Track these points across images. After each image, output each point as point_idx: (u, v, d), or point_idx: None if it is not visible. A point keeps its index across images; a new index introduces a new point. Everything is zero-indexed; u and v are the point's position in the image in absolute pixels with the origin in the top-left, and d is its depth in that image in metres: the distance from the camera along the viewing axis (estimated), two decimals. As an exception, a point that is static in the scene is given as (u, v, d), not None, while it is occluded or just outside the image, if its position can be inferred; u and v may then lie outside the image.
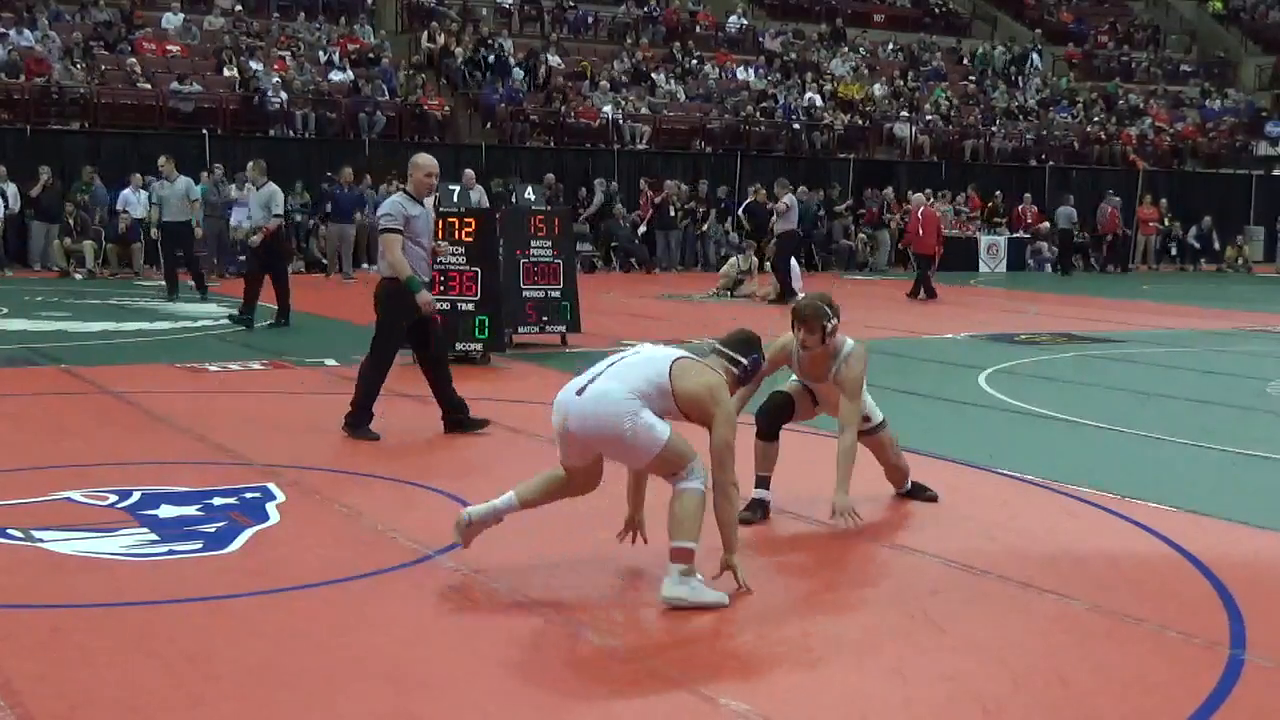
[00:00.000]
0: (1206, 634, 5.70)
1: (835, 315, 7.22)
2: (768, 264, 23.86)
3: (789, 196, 23.08)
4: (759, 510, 7.33)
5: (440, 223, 13.57)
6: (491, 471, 8.05)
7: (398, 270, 9.53)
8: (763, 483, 7.42)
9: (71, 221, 24.17)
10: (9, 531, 6.83)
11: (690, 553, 5.89)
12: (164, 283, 20.31)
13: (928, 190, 28.61)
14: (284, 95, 27.93)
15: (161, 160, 20.47)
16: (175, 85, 27.24)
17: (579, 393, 6.07)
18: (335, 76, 29.65)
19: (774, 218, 23.26)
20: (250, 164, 20.22)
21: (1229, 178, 37.17)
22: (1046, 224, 32.71)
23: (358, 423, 9.55)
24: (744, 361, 6.33)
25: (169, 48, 29.53)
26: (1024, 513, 7.99)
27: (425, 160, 9.92)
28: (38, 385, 11.73)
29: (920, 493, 8.00)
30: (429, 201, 10.08)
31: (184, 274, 20.15)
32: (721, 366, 6.28)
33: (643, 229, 29.28)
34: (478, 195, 21.16)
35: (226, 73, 28.73)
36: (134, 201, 24.31)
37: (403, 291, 9.52)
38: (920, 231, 23.92)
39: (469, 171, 23.16)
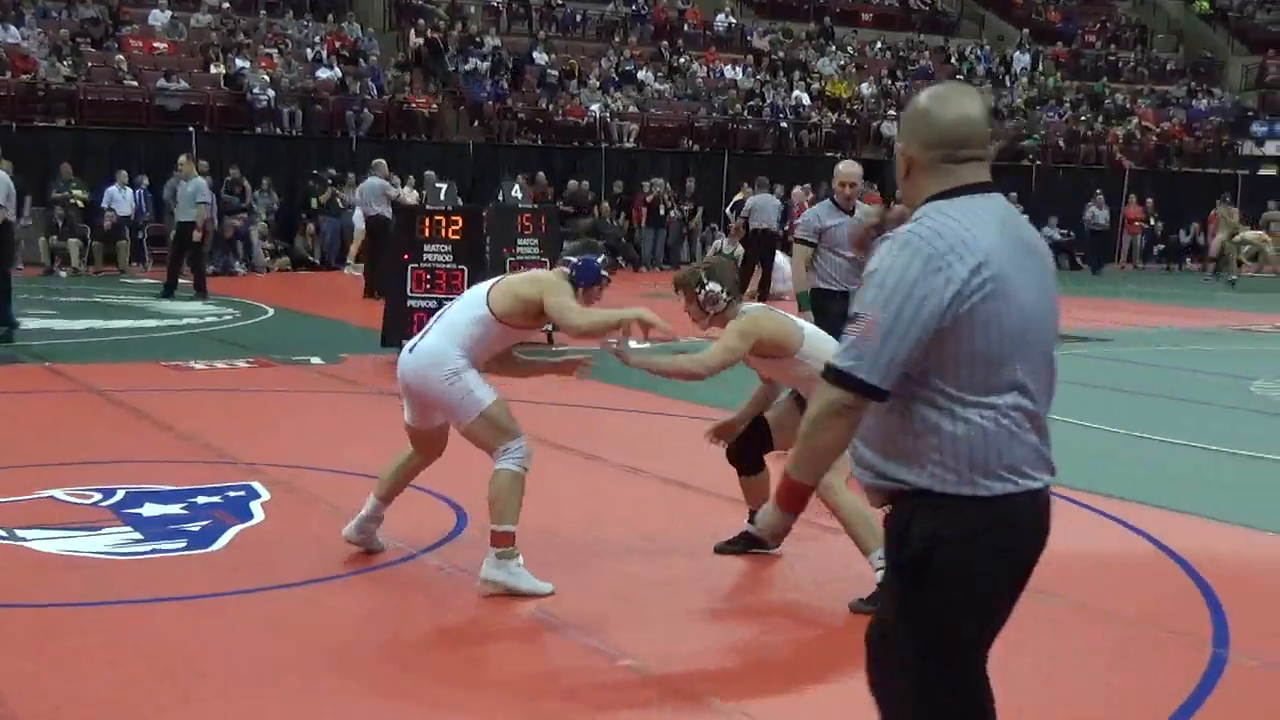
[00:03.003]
0: (1190, 631, 5.72)
1: (717, 280, 6.35)
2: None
3: (757, 196, 22.84)
4: (740, 543, 6.76)
5: (426, 220, 13.57)
6: (476, 469, 8.02)
7: (796, 284, 9.48)
8: (753, 517, 7.09)
9: (58, 220, 24.08)
10: (-8, 530, 6.81)
11: (507, 535, 5.92)
12: (158, 281, 20.26)
13: (806, 185, 27.92)
14: (271, 93, 27.86)
15: (182, 159, 20.47)
16: (162, 83, 27.16)
17: (411, 350, 6.14)
18: (322, 74, 29.58)
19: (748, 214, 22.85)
20: (183, 158, 20.28)
21: (1215, 177, 37.25)
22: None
23: None
24: (573, 259, 6.22)
25: (156, 45, 29.43)
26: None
27: (842, 169, 9.65)
28: (22, 383, 11.70)
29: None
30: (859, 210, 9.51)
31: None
32: (557, 271, 6.26)
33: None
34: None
35: (213, 70, 28.64)
36: (119, 199, 24.24)
37: (822, 300, 9.33)
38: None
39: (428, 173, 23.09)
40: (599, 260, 6.23)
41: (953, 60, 40.74)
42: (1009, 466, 3.03)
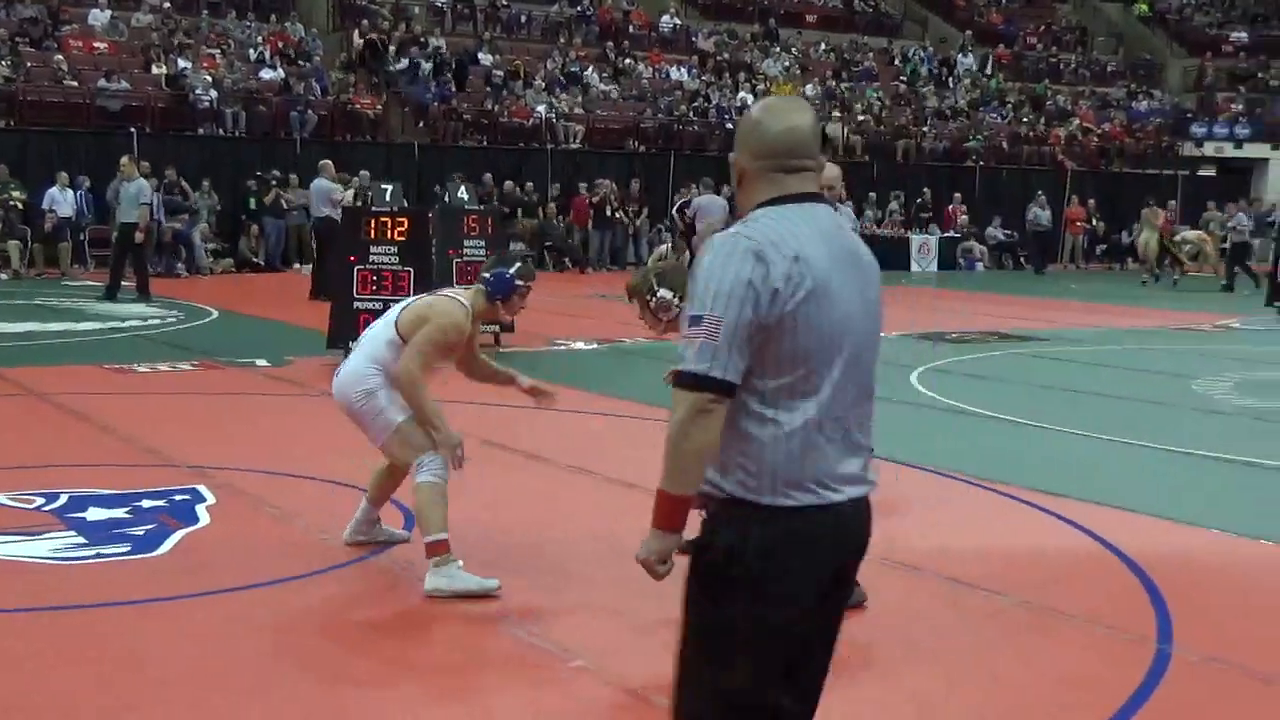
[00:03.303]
0: (1134, 628, 5.78)
1: (668, 286, 6.21)
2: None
3: (703, 197, 22.85)
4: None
5: (372, 222, 13.51)
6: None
7: None
8: None
9: (-2, 222, 23.81)
10: (-67, 535, 6.73)
11: (440, 544, 6.01)
12: (99, 283, 20.07)
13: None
14: (213, 93, 27.65)
15: (124, 160, 20.26)
16: (102, 83, 26.88)
17: (337, 372, 6.40)
18: (265, 74, 29.37)
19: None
20: (124, 159, 20.14)
21: (1155, 178, 37.65)
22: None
23: None
24: (486, 275, 6.40)
25: (96, 45, 29.12)
26: (955, 510, 8.06)
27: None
28: (-38, 387, 11.55)
29: None
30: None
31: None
32: (474, 289, 6.45)
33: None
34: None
35: (155, 70, 28.36)
36: (60, 200, 23.97)
37: None
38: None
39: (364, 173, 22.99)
40: (510, 272, 6.37)
41: (896, 62, 40.99)
42: (813, 477, 3.01)
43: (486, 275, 6.39)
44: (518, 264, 6.46)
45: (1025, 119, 39.26)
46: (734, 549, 3.01)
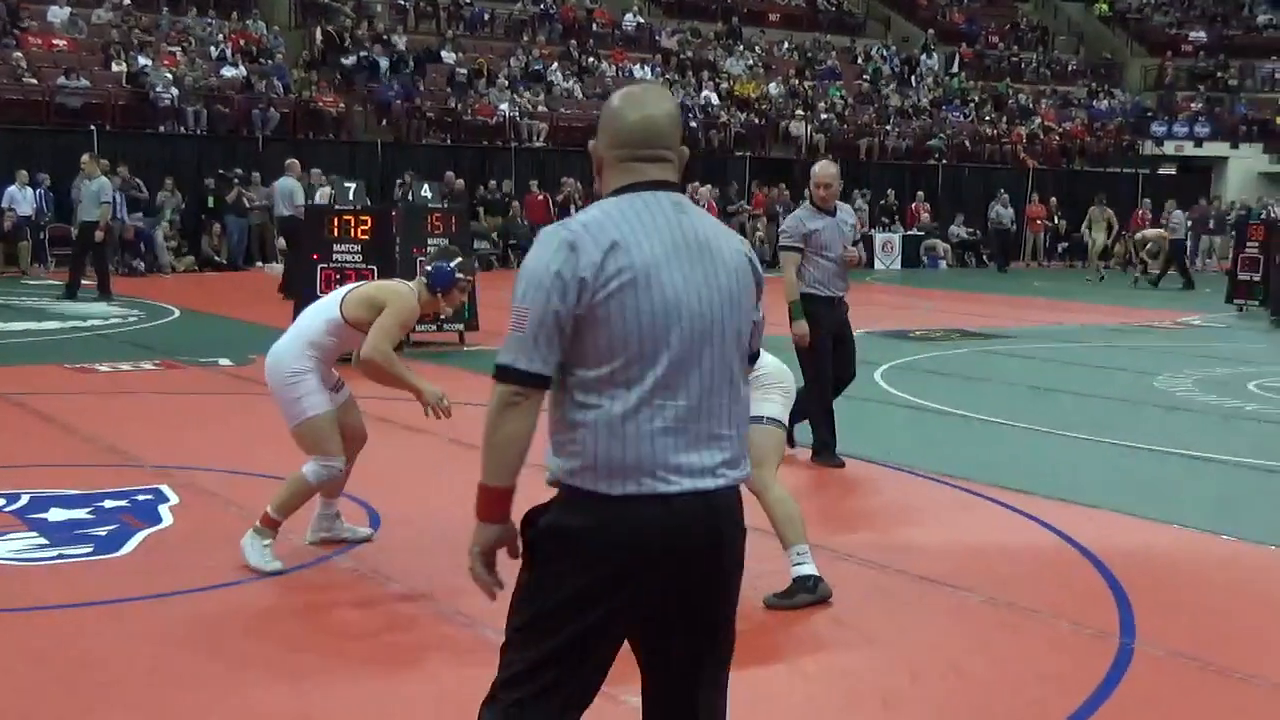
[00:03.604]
0: (1097, 624, 5.82)
1: None
2: None
3: None
4: None
5: (336, 220, 13.45)
6: (388, 471, 7.98)
7: (787, 292, 8.89)
8: None
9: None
10: (-109, 537, 6.66)
11: (273, 521, 6.30)
12: (60, 281, 19.94)
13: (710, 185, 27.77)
14: (174, 91, 27.47)
15: (85, 159, 20.14)
16: (62, 80, 26.67)
17: (270, 351, 6.51)
18: (227, 72, 29.20)
19: None
20: (85, 157, 20.04)
21: (1116, 176, 37.89)
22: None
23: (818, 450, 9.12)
24: (428, 267, 6.63)
25: (55, 42, 28.89)
26: (920, 507, 8.08)
27: (818, 170, 9.17)
28: (-80, 387, 11.44)
29: None
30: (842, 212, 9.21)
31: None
32: (416, 281, 6.67)
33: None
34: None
35: (115, 68, 28.17)
36: (20, 199, 23.77)
37: (813, 306, 8.91)
38: None
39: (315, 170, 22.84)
40: (451, 265, 6.57)
41: (859, 60, 41.11)
42: (640, 467, 2.96)
43: (428, 268, 6.61)
44: (459, 259, 6.64)
45: (987, 118, 39.45)
46: (551, 528, 3.02)
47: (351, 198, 14.58)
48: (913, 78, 40.94)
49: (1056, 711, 4.85)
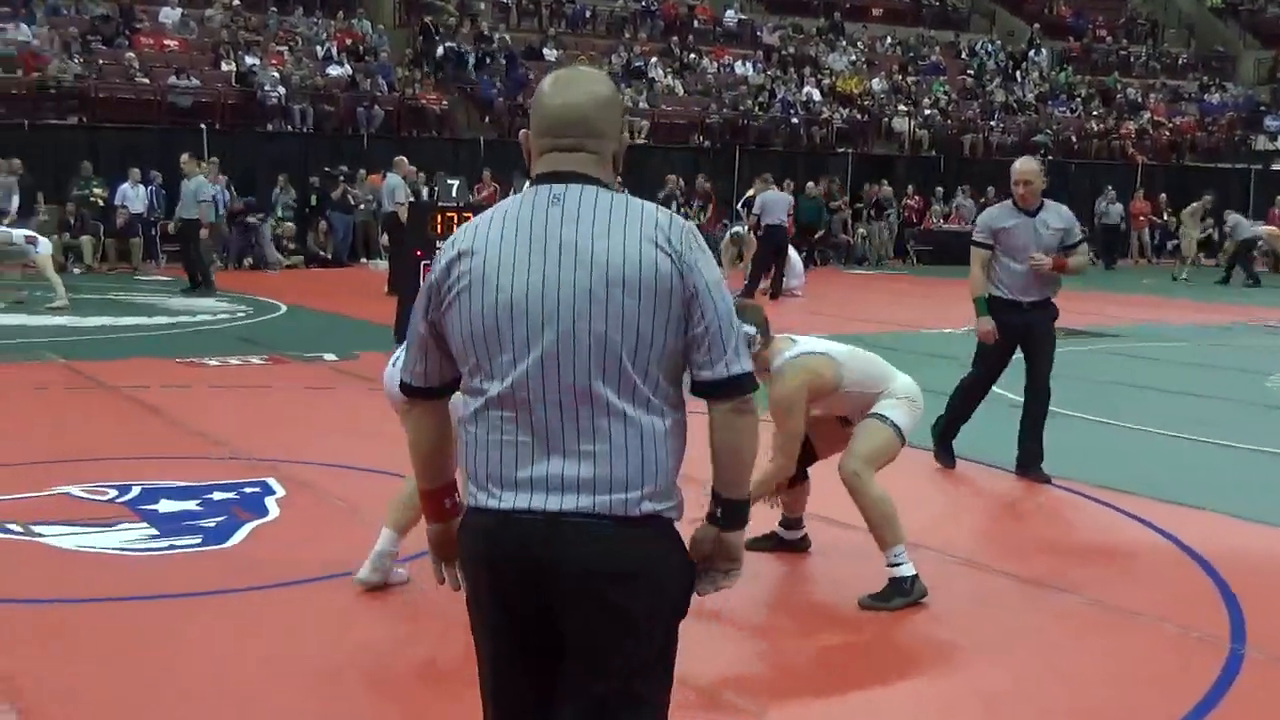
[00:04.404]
0: (1206, 628, 5.71)
1: (749, 322, 5.82)
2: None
3: (768, 192, 22.61)
4: (769, 541, 6.72)
5: (439, 217, 13.56)
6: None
7: (970, 288, 8.71)
8: (785, 523, 6.79)
9: (70, 218, 24.13)
10: (8, 526, 6.83)
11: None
12: (172, 277, 20.39)
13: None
14: (281, 90, 27.90)
15: (184, 158, 20.58)
16: (173, 79, 27.20)
17: (393, 363, 6.04)
18: (333, 71, 29.60)
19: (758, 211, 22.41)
20: (185, 156, 20.42)
21: (1227, 172, 37.15)
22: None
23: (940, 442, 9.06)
24: None
25: (167, 42, 29.48)
26: (1025, 509, 7.99)
27: (1018, 166, 8.87)
28: (37, 380, 11.71)
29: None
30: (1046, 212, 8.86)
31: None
32: None
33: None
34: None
35: (224, 67, 28.69)
36: (132, 196, 24.27)
37: (995, 307, 8.64)
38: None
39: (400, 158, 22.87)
40: None
41: (963, 55, 40.69)
42: (483, 477, 2.86)
43: None
44: None
45: (1095, 113, 38.86)
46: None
47: (455, 194, 14.70)
48: (1018, 72, 40.42)
49: (1162, 717, 4.77)
